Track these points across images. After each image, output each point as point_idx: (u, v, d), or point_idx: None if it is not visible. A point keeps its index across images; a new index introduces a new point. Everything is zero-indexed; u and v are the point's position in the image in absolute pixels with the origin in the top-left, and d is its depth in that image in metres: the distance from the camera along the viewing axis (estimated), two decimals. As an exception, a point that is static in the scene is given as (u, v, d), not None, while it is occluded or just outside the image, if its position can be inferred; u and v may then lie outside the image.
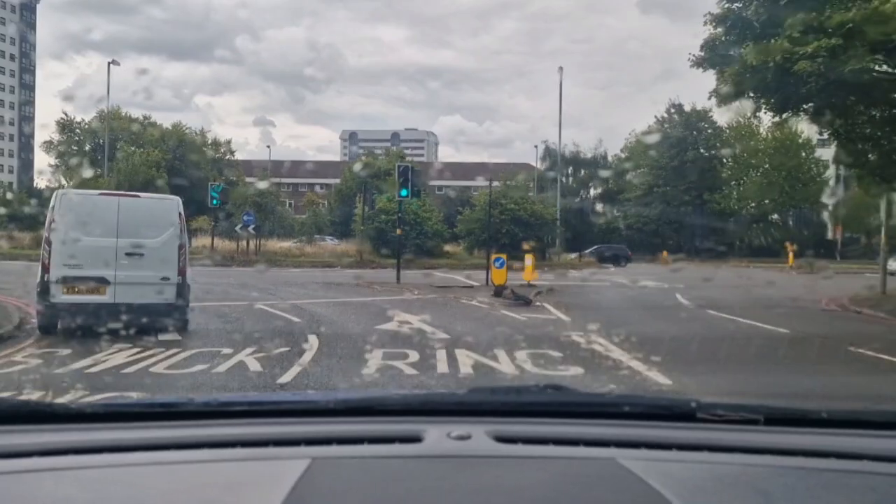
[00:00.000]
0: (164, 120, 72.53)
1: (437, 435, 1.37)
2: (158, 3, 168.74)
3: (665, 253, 48.33)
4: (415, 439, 1.36)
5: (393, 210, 35.04)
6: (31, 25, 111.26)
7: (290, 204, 69.57)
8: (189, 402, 1.62)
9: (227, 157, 73.56)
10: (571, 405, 1.64)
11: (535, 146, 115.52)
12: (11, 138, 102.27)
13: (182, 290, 9.79)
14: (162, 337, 9.51)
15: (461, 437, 1.36)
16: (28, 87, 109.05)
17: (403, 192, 21.08)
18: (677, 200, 57.63)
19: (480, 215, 34.17)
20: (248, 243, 33.54)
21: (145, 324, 9.40)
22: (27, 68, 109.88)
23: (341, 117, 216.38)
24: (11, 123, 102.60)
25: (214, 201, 32.32)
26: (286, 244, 38.11)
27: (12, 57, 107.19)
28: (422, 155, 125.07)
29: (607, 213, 59.83)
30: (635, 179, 59.36)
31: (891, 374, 8.86)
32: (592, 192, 65.07)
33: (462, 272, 29.64)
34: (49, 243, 9.31)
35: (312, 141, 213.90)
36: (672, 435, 1.44)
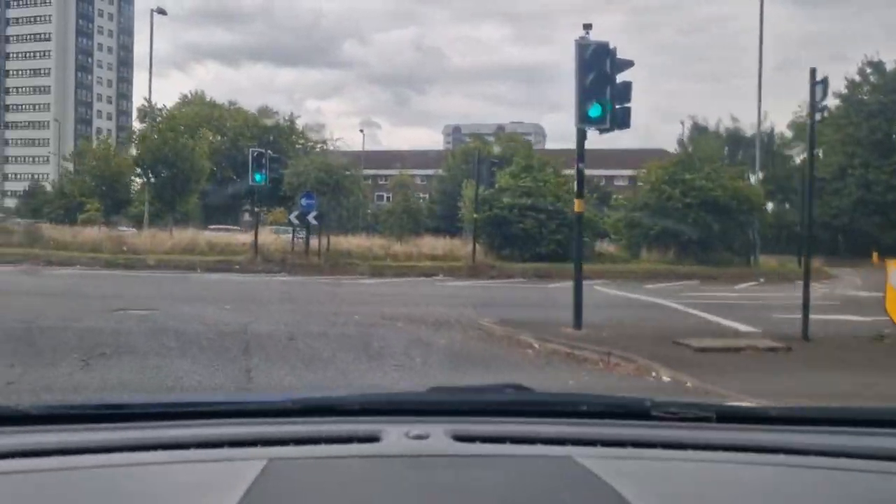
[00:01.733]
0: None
1: (395, 434, 1.35)
2: (272, 13, 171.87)
3: (876, 255, 35.62)
4: (373, 439, 1.34)
5: (523, 189, 24.21)
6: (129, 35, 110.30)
7: (387, 198, 61.04)
8: (140, 402, 1.60)
9: (321, 146, 65.50)
10: (530, 404, 1.64)
11: (681, 122, 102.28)
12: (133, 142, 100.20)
13: None
14: None
15: (419, 437, 1.34)
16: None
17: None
18: (881, 185, 44.01)
19: (654, 199, 22.94)
20: (309, 240, 23.72)
21: None
22: (125, 80, 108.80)
23: (445, 117, 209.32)
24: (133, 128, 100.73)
25: (257, 176, 22.78)
26: (365, 241, 28.24)
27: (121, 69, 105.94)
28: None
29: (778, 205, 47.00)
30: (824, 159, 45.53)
31: None
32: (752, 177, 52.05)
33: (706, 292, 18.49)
34: None
35: (417, 142, 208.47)
36: (627, 433, 1.43)
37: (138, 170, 29.81)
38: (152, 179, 29.03)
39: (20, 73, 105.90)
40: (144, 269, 21.81)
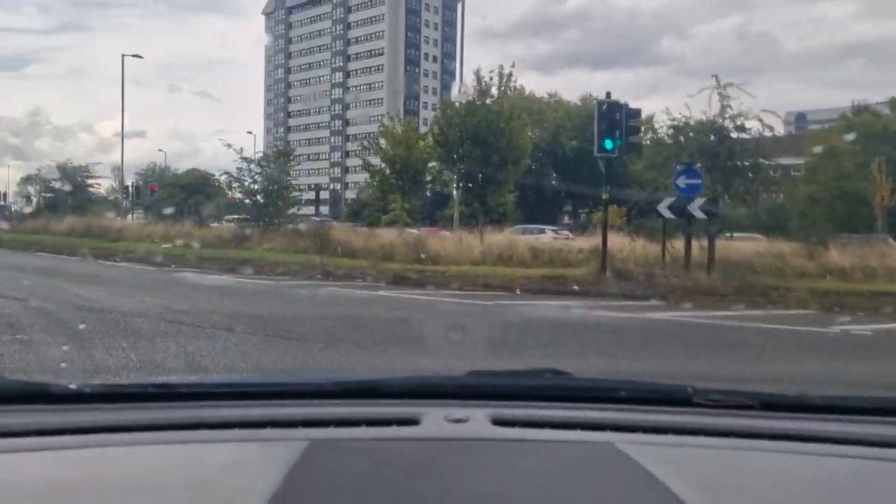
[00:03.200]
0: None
1: (434, 418, 1.35)
2: (587, 18, 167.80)
3: None
4: (412, 422, 1.35)
5: None
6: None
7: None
8: (187, 383, 1.62)
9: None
10: (569, 389, 1.61)
11: None
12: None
13: None
14: None
15: (459, 420, 1.35)
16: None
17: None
18: None
19: None
20: (690, 244, 14.17)
21: None
22: (448, 88, 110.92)
23: (778, 106, 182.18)
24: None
25: (607, 142, 14.07)
26: (761, 246, 17.60)
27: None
28: None
29: None
30: None
31: None
32: None
33: None
34: None
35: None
36: (668, 419, 1.42)
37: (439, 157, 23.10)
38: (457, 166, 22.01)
39: (357, 88, 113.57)
40: (441, 287, 14.49)
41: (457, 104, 22.13)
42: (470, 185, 21.65)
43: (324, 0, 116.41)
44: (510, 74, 22.02)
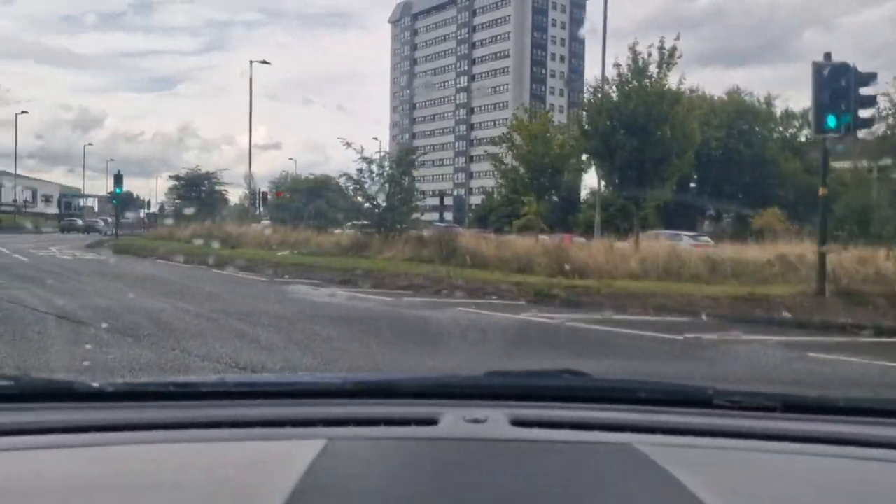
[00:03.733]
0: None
1: (452, 418, 1.34)
2: (722, 14, 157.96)
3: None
4: (430, 422, 1.34)
5: None
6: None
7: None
8: (207, 382, 1.62)
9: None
10: (588, 390, 1.59)
11: None
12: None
13: None
14: None
15: (477, 421, 1.33)
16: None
17: None
18: None
19: None
20: None
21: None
22: (577, 90, 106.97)
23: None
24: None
25: (830, 120, 10.55)
26: None
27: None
28: None
29: None
30: None
31: None
32: None
33: None
34: None
35: None
36: (688, 421, 1.40)
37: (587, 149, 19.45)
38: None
39: (482, 90, 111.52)
40: (597, 309, 11.30)
41: (609, 87, 18.58)
42: (624, 182, 18.05)
43: (449, 4, 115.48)
44: (673, 49, 18.30)
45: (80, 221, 60.56)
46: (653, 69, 18.19)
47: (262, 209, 43.47)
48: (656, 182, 17.88)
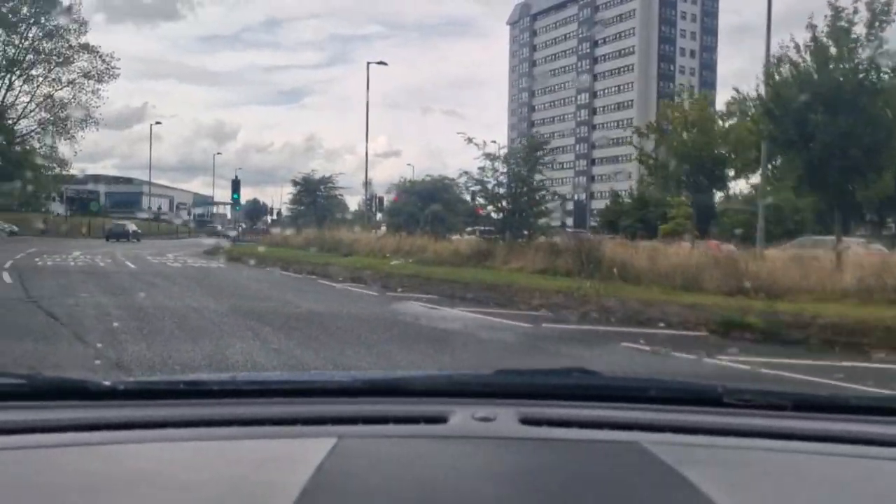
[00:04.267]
0: None
1: (462, 416, 1.35)
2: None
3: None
4: (440, 420, 1.34)
5: None
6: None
7: None
8: (218, 380, 1.62)
9: None
10: (597, 388, 1.58)
11: None
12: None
13: None
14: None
15: (486, 419, 1.34)
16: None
17: None
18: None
19: None
20: None
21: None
22: (709, 84, 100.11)
23: None
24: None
25: None
26: None
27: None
28: None
29: None
30: None
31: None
32: None
33: None
34: None
35: None
36: (698, 419, 1.39)
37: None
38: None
39: (605, 91, 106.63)
40: (826, 351, 7.94)
41: (802, 58, 14.53)
42: (820, 175, 14.03)
43: (570, 2, 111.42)
44: (889, 3, 14.16)
45: (218, 227, 64.80)
46: (859, 29, 14.18)
47: (378, 215, 42.04)
48: (869, 174, 13.85)
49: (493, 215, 21.09)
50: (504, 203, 20.24)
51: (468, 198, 24.13)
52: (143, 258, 25.53)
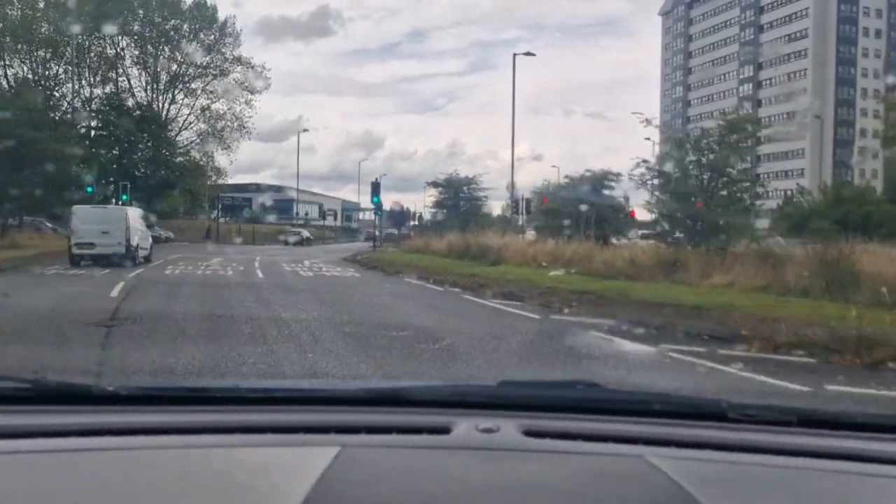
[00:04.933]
0: None
1: (465, 427, 1.34)
2: None
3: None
4: (443, 430, 1.33)
5: None
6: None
7: None
8: (221, 387, 1.66)
9: None
10: (601, 402, 1.56)
11: None
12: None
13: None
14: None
15: (489, 430, 1.32)
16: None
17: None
18: None
19: None
20: None
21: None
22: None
23: None
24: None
25: None
26: None
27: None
28: None
29: None
30: None
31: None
32: None
33: None
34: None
35: None
36: (702, 434, 1.38)
37: None
38: None
39: (772, 80, 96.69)
40: None
41: None
42: None
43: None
44: None
45: (363, 233, 65.97)
46: None
47: (524, 219, 38.71)
48: None
49: (672, 210, 16.91)
50: (693, 200, 15.98)
51: (643, 195, 19.99)
52: (277, 266, 23.71)
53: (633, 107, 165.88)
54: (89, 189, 32.18)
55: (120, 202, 30.42)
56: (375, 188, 32.12)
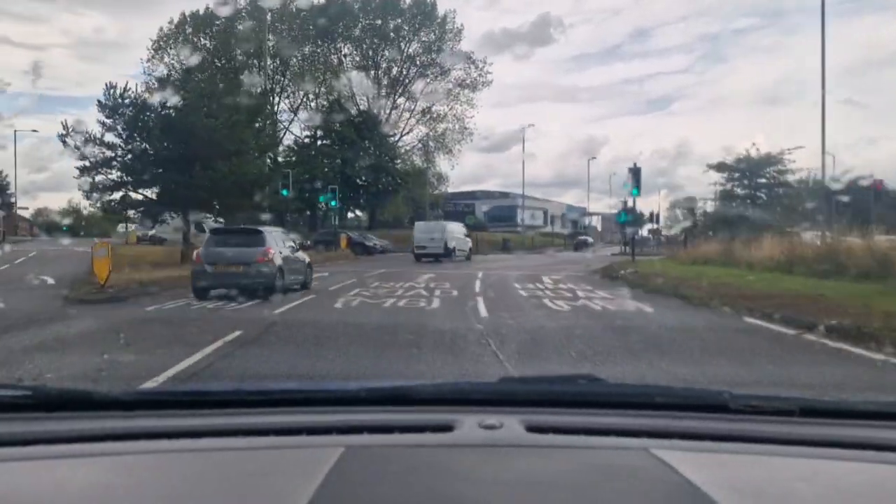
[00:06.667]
0: None
1: (468, 424, 1.35)
2: None
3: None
4: (446, 428, 1.34)
5: None
6: None
7: None
8: (222, 391, 1.62)
9: None
10: (603, 395, 1.57)
11: None
12: None
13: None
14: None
15: (492, 427, 1.33)
16: None
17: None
18: None
19: None
20: None
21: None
22: None
23: None
24: None
25: None
26: None
27: None
28: None
29: None
30: None
31: None
32: None
33: None
34: None
35: None
36: (705, 426, 1.38)
37: None
38: None
39: None
40: None
41: None
42: None
43: None
44: None
45: (590, 240, 60.81)
46: None
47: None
48: None
49: None
50: None
51: None
52: (508, 287, 16.48)
53: (889, 88, 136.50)
54: (284, 192, 28.61)
55: (328, 207, 27.22)
56: (636, 174, 23.19)
